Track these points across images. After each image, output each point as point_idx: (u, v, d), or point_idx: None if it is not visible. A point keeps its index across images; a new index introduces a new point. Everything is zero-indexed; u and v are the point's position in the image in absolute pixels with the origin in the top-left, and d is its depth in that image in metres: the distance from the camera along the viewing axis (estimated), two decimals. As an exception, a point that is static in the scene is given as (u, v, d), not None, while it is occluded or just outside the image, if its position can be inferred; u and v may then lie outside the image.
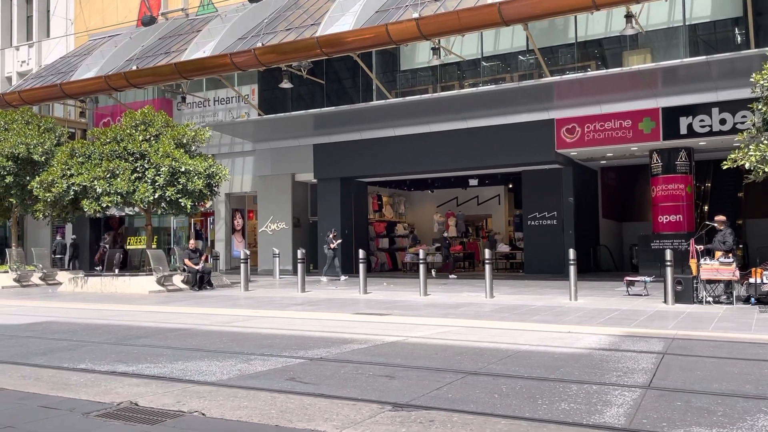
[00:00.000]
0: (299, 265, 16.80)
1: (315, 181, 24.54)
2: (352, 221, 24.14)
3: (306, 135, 23.99)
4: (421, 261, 15.49)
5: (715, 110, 17.82)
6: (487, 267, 14.41)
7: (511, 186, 27.35)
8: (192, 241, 19.59)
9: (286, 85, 22.33)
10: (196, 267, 18.20)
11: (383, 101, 21.40)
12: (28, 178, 20.92)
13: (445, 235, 22.10)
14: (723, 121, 17.70)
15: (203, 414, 5.23)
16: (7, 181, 20.91)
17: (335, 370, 6.90)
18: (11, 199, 21.73)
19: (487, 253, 14.71)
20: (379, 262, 26.14)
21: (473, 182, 25.85)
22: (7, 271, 21.59)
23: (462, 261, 26.34)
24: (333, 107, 22.31)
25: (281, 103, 24.95)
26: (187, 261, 18.34)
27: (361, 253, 16.31)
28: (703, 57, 16.66)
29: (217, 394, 5.87)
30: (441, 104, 20.75)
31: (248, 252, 19.00)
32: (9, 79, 32.79)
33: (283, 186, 25.11)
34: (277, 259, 22.64)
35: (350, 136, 23.15)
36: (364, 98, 23.09)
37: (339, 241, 21.03)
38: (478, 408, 5.33)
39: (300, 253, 17.10)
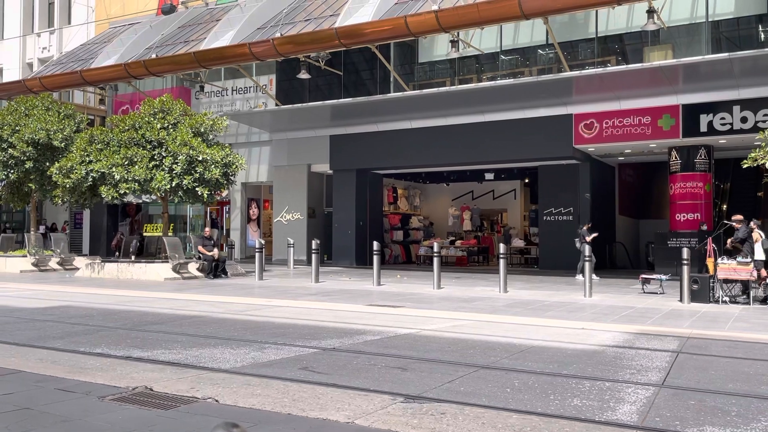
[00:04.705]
0: (313, 256, 16.85)
1: (331, 172, 24.58)
2: (367, 213, 24.16)
3: (323, 126, 24.01)
4: (435, 254, 15.51)
5: (736, 108, 17.60)
6: (502, 262, 14.38)
7: (527, 181, 27.23)
8: (207, 229, 19.72)
9: (303, 75, 22.34)
10: (211, 254, 18.31)
11: (400, 93, 21.35)
12: (47, 163, 21.12)
13: None
14: (744, 119, 17.48)
15: (217, 400, 5.28)
16: (26, 166, 21.13)
17: (348, 361, 6.93)
18: (30, 185, 21.97)
19: (501, 247, 14.67)
20: (393, 254, 26.17)
21: (489, 176, 25.75)
22: (26, 256, 21.86)
23: (476, 255, 26.31)
24: (350, 98, 22.29)
25: (298, 93, 24.98)
26: (201, 248, 18.46)
27: (376, 244, 16.35)
28: (726, 54, 16.46)
29: (230, 382, 5.91)
30: (458, 97, 20.67)
31: (263, 241, 19.09)
32: (30, 65, 33.08)
33: (299, 176, 25.17)
34: (292, 249, 22.73)
35: (367, 128, 23.14)
36: (382, 90, 23.05)
37: (594, 235, 17.72)
38: (490, 402, 5.33)
39: (314, 243, 17.14)
